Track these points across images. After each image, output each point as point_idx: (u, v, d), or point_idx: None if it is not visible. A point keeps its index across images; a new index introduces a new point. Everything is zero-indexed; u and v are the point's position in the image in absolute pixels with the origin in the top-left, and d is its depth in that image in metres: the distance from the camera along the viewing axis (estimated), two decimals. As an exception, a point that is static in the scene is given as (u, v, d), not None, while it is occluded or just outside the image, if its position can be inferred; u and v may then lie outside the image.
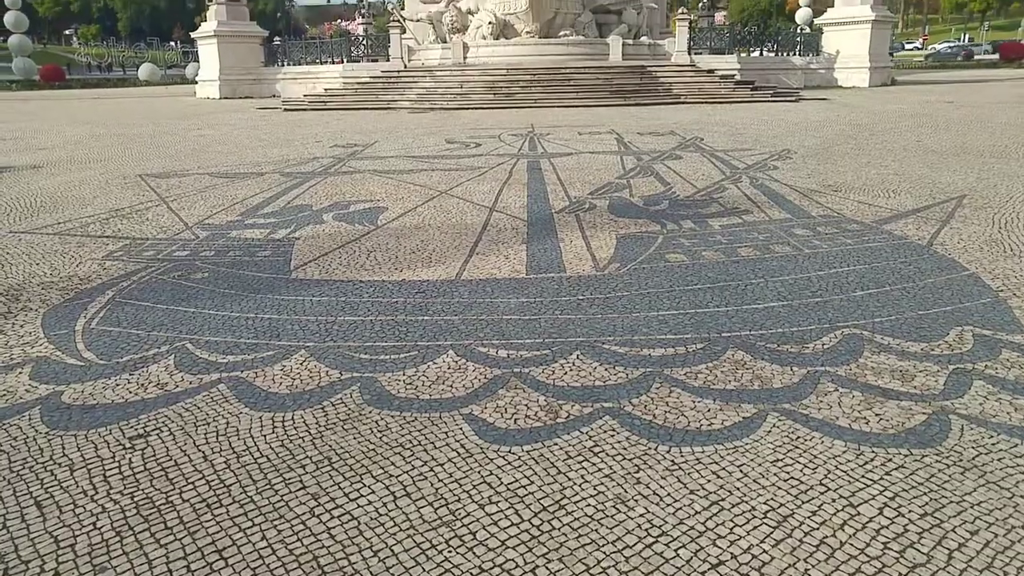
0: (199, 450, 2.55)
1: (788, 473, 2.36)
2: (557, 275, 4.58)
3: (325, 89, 22.97)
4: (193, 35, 30.92)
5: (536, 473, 2.38)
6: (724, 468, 2.40)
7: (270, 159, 10.05)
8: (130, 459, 2.49)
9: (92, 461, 2.48)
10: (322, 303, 4.10)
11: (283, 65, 28.76)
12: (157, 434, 2.66)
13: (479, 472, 2.40)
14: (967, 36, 78.23)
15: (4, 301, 4.18)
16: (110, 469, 2.43)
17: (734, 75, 22.59)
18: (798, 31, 32.11)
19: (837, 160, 9.04)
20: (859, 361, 3.21)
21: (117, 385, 3.08)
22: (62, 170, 9.32)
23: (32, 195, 7.61)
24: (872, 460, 2.43)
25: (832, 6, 29.38)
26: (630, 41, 24.44)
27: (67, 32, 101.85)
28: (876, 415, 2.73)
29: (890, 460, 2.42)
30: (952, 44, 67.11)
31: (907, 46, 71.37)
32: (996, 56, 46.26)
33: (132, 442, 2.60)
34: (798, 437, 2.59)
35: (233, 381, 3.10)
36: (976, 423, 2.66)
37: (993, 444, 2.52)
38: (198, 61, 32.01)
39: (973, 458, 2.43)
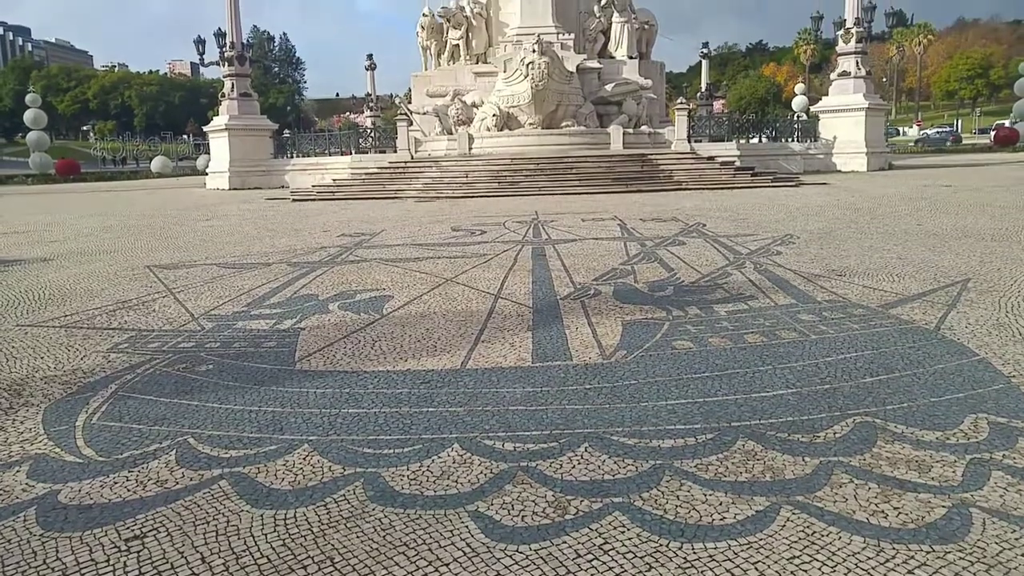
0: (197, 551, 2.47)
1: (805, 571, 2.28)
2: (563, 363, 4.55)
3: (333, 180, 23.43)
4: (205, 129, 31.79)
5: (544, 573, 2.30)
6: (738, 566, 2.32)
7: (277, 249, 10.16)
8: (125, 562, 2.41)
9: (86, 565, 2.41)
10: (326, 395, 4.06)
11: (292, 157, 29.44)
12: (154, 535, 2.59)
13: (485, 572, 2.32)
14: (959, 122, 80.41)
15: (6, 396, 4.15)
16: (104, 574, 2.35)
17: (734, 161, 23.00)
18: (795, 118, 32.91)
19: (840, 244, 9.10)
20: (873, 451, 3.14)
21: (115, 483, 3.02)
22: (72, 262, 9.43)
23: (40, 288, 7.67)
24: (893, 557, 2.34)
25: (827, 94, 30.18)
26: (631, 130, 25.03)
27: (84, 128, 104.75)
28: (894, 508, 2.65)
29: (912, 557, 2.34)
30: (940, 130, 69.20)
31: (905, 130, 73.16)
32: (990, 140, 47.31)
33: (128, 544, 2.53)
34: (814, 532, 2.50)
35: (235, 477, 3.04)
36: (998, 516, 2.58)
37: (1017, 539, 2.43)
38: (209, 153, 32.81)
39: (997, 554, 2.34)
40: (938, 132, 66.44)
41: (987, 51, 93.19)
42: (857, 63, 28.42)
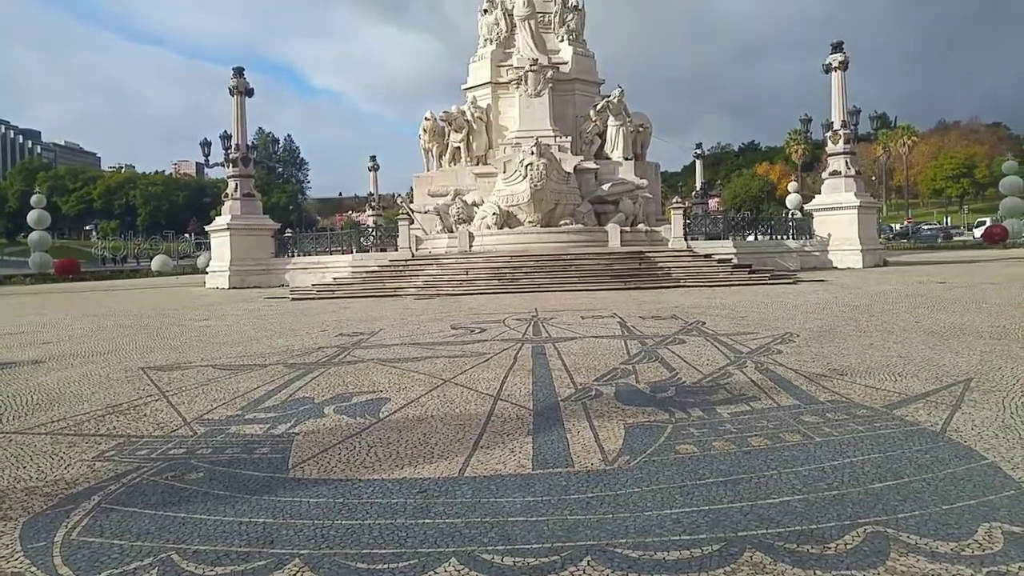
0: None
1: None
2: (564, 470, 4.43)
3: (334, 278, 23.59)
4: (207, 228, 32.15)
5: None
6: None
7: (274, 349, 10.09)
8: None
9: None
10: (319, 505, 3.93)
11: (293, 256, 29.73)
12: (131, 663, 2.44)
13: None
14: (948, 219, 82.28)
15: (-13, 508, 4.01)
16: None
17: (731, 259, 23.23)
18: (790, 216, 33.43)
19: (840, 342, 9.06)
20: (887, 563, 3.01)
21: (93, 605, 2.87)
22: (64, 365, 9.33)
23: (30, 392, 7.55)
24: None
25: (819, 191, 30.77)
26: (628, 229, 25.44)
27: (87, 227, 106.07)
28: (913, 629, 2.51)
29: None
30: (931, 226, 71.63)
31: (894, 227, 74.97)
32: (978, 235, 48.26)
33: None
34: (832, 658, 2.37)
35: (219, 597, 2.89)
36: (1023, 638, 2.44)
37: (1046, 664, 2.30)
38: (210, 252, 33.09)
39: None
40: (929, 229, 68.19)
41: (969, 151, 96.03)
42: (847, 163, 29.13)
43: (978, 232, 52.22)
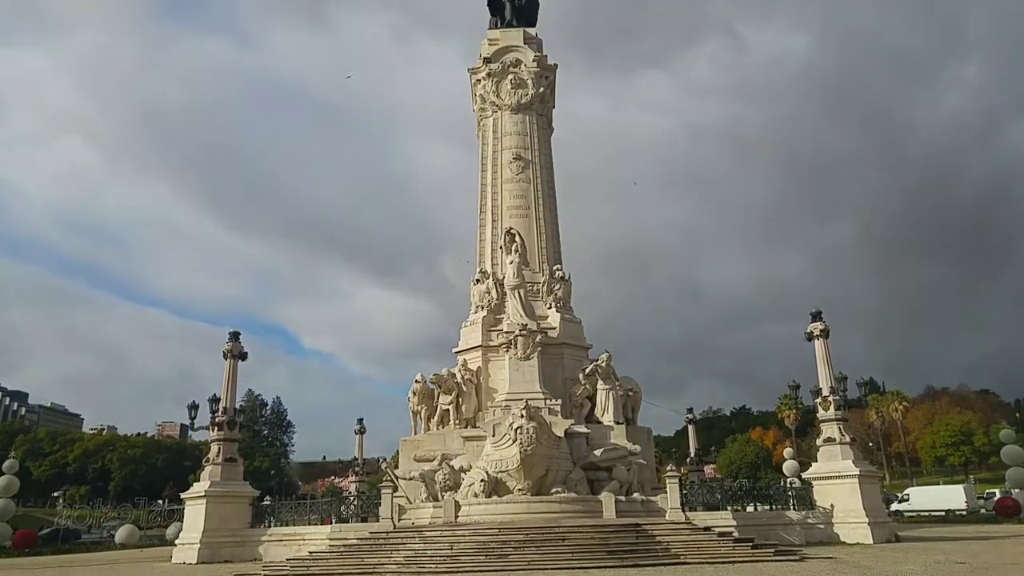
0: None
1: None
2: None
3: (310, 552, 22.03)
4: (183, 495, 30.52)
5: None
6: None
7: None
8: None
9: None
10: None
11: (269, 526, 27.96)
12: None
13: None
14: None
15: None
16: None
17: (732, 532, 21.89)
18: (789, 484, 32.27)
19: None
20: None
21: None
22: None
23: None
24: None
25: (815, 456, 29.90)
26: (622, 497, 24.41)
27: (55, 494, 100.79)
28: None
29: None
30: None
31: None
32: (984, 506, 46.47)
33: None
34: None
35: None
36: None
37: None
38: (182, 521, 31.18)
39: None
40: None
41: (964, 418, 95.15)
42: (839, 429, 28.48)
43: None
